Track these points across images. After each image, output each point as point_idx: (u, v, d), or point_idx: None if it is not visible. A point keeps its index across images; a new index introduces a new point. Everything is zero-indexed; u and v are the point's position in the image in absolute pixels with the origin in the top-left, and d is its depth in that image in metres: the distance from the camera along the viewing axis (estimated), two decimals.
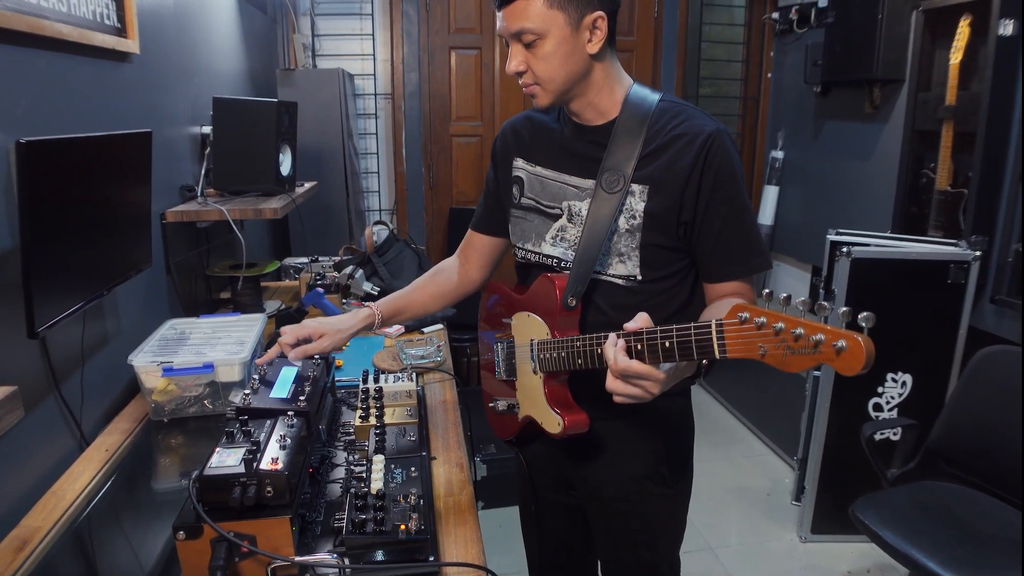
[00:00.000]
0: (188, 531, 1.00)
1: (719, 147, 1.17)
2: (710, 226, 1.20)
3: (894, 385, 2.63)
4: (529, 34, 1.15)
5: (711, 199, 1.18)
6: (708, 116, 1.22)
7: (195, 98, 2.25)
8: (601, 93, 1.23)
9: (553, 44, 1.15)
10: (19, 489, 1.30)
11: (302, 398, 1.28)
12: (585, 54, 1.17)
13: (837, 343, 0.79)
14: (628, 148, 1.21)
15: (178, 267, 2.08)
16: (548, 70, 1.17)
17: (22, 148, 1.10)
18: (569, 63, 1.17)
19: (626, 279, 1.25)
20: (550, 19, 1.13)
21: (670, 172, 1.19)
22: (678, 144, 1.18)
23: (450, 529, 1.19)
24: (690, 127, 1.19)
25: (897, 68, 2.94)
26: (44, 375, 1.40)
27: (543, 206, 1.33)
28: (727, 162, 1.18)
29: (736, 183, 1.19)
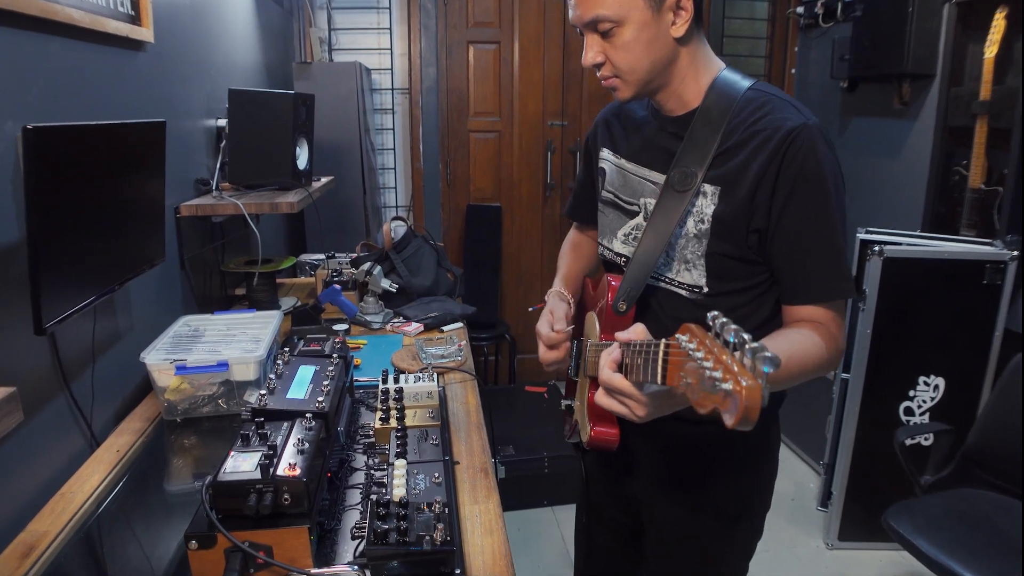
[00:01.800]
0: (201, 540, 0.95)
1: (802, 144, 1.01)
2: (784, 237, 1.05)
3: (926, 388, 2.54)
4: (606, 22, 1.03)
5: (787, 205, 1.04)
6: (801, 108, 1.06)
7: (210, 90, 2.20)
8: (686, 80, 1.10)
9: (633, 31, 1.03)
10: (26, 491, 1.25)
11: (320, 399, 1.22)
12: (669, 39, 1.05)
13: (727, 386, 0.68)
14: (704, 143, 1.08)
15: (192, 262, 2.03)
16: (629, 60, 1.06)
17: (29, 134, 1.05)
18: (652, 50, 1.05)
19: (690, 289, 1.14)
20: (628, 3, 1.02)
21: (744, 172, 1.05)
22: (756, 140, 1.04)
23: (476, 540, 1.13)
24: (772, 120, 1.03)
25: (928, 63, 2.85)
26: (53, 373, 1.35)
27: (621, 201, 1.24)
28: (810, 162, 1.01)
29: (820, 189, 1.03)
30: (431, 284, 2.31)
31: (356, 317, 2.11)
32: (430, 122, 3.62)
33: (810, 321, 1.07)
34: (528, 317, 4.03)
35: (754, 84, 1.10)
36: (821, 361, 1.04)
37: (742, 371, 0.69)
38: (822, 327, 1.06)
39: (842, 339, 1.08)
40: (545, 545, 2.71)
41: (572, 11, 1.08)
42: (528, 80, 3.69)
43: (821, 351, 1.04)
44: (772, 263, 1.09)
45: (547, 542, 2.73)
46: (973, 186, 2.68)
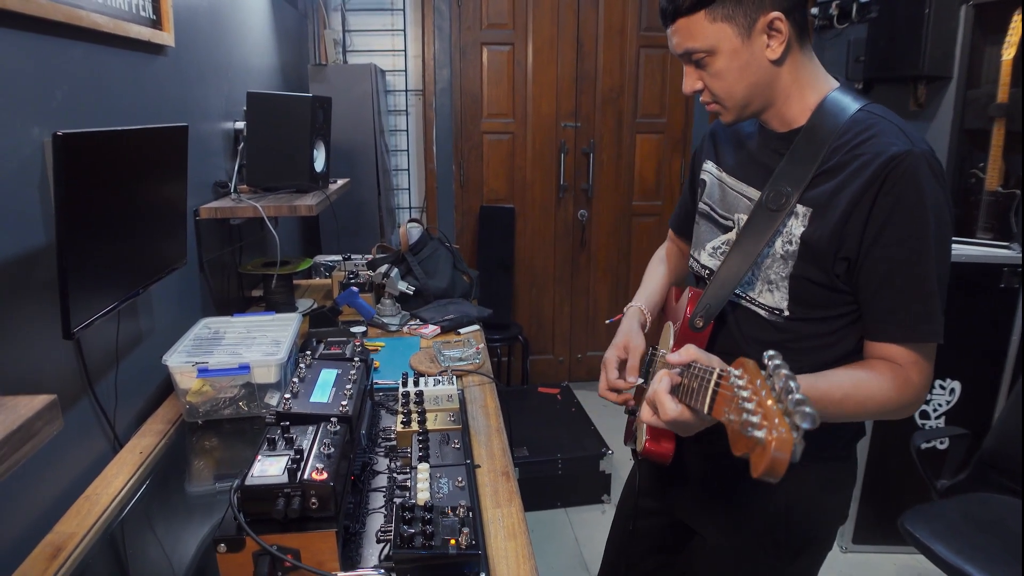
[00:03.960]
0: (230, 544, 0.95)
1: (904, 172, 0.96)
2: (873, 269, 1.01)
3: (942, 392, 2.53)
4: (698, 52, 1.04)
5: (880, 235, 0.99)
6: (911, 134, 1.00)
7: (228, 93, 2.22)
8: (790, 99, 1.07)
9: (725, 60, 1.03)
10: (52, 493, 1.27)
11: (344, 403, 1.23)
12: (765, 62, 1.03)
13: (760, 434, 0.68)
14: (805, 163, 1.04)
15: (211, 265, 2.04)
16: (724, 87, 1.06)
17: (59, 141, 1.06)
18: (747, 76, 1.04)
19: (771, 311, 1.11)
20: (716, 33, 1.01)
21: (838, 195, 1.01)
22: (856, 163, 1.00)
23: (499, 544, 1.13)
24: (876, 144, 0.99)
25: (944, 64, 2.84)
26: (78, 376, 1.36)
27: (716, 215, 1.22)
28: (910, 193, 0.96)
29: (918, 222, 0.97)
30: (447, 286, 2.32)
31: (373, 319, 2.12)
32: (443, 123, 3.63)
33: (888, 361, 1.03)
34: (541, 317, 4.03)
35: (865, 105, 1.05)
36: (887, 405, 1.01)
37: (781, 421, 0.68)
38: (899, 369, 1.02)
39: (922, 384, 1.03)
40: (559, 547, 2.72)
41: (669, 41, 1.08)
42: (541, 82, 3.70)
43: (888, 394, 1.01)
44: (858, 295, 1.05)
45: (561, 544, 2.74)
46: (990, 189, 2.67)
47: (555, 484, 2.91)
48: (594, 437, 3.02)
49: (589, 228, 3.93)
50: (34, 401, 0.64)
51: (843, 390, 0.99)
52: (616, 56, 3.72)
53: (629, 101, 3.78)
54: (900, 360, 1.02)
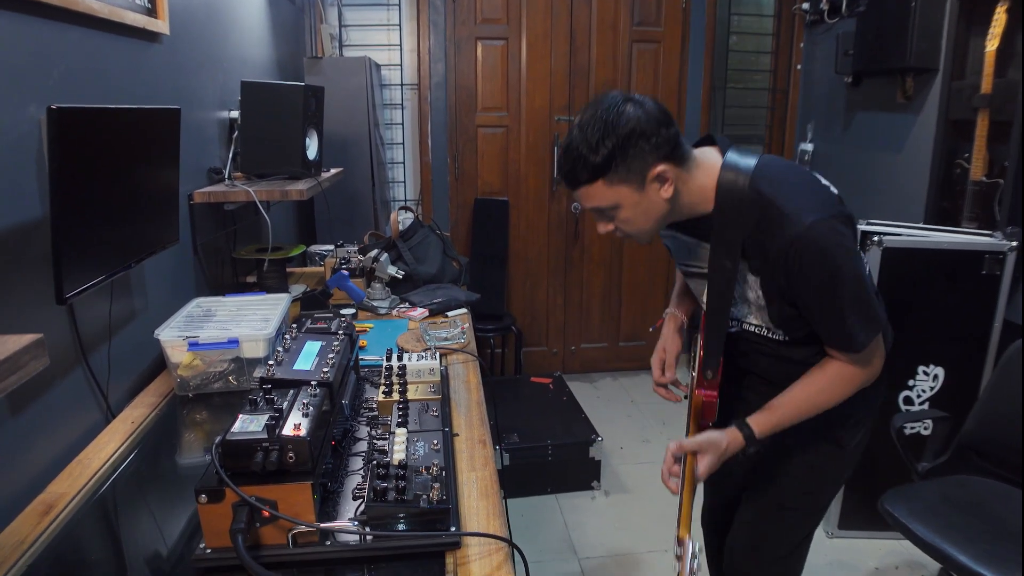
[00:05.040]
0: (210, 495, 1.00)
1: (799, 253, 1.17)
2: (804, 308, 1.25)
3: (925, 378, 2.57)
4: (604, 208, 1.23)
5: (801, 292, 1.22)
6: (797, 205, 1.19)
7: (223, 83, 2.27)
8: (693, 201, 1.26)
9: (629, 210, 1.22)
10: (46, 457, 1.32)
11: (325, 370, 1.28)
12: (662, 202, 1.23)
13: None
14: (731, 243, 1.25)
15: (205, 248, 2.10)
16: (633, 227, 1.26)
17: (54, 114, 1.11)
18: (651, 216, 1.24)
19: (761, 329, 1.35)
20: (615, 194, 1.20)
21: (769, 274, 1.24)
22: (766, 253, 1.21)
23: (472, 503, 1.18)
24: (771, 234, 1.19)
25: (931, 57, 2.87)
26: (72, 346, 1.41)
27: (693, 268, 1.42)
28: (809, 262, 1.17)
29: (823, 279, 1.19)
30: (437, 272, 2.37)
31: (363, 302, 2.17)
32: (438, 117, 3.68)
33: (835, 359, 1.30)
34: (535, 309, 4.08)
35: (753, 180, 1.21)
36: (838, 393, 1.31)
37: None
38: (845, 366, 1.29)
39: (864, 373, 1.30)
40: (548, 531, 2.76)
41: (575, 197, 1.27)
42: (535, 75, 3.74)
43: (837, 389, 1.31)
44: None
45: (550, 528, 2.78)
46: (974, 179, 2.70)
47: (545, 470, 2.96)
48: (584, 424, 3.06)
49: (582, 221, 3.97)
50: (22, 339, 0.69)
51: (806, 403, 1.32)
52: (609, 50, 3.77)
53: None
54: (843, 359, 1.29)
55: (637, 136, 1.16)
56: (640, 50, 3.79)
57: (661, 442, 3.39)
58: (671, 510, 2.93)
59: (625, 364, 4.24)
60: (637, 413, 3.75)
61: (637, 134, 1.16)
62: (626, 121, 1.15)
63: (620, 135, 1.15)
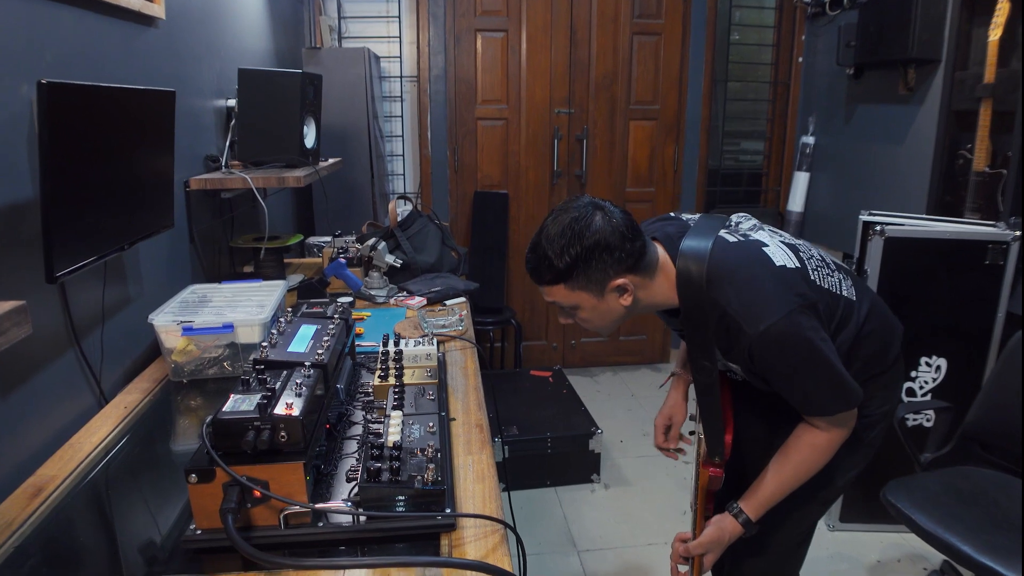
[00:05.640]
0: (200, 474, 0.98)
1: (758, 352, 1.21)
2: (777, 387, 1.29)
3: (928, 369, 2.55)
4: (565, 306, 1.28)
5: (771, 377, 1.27)
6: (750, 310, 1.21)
7: (221, 71, 2.25)
8: (655, 301, 1.30)
9: (588, 312, 1.27)
10: (37, 440, 1.30)
11: (320, 352, 1.27)
12: (620, 309, 1.27)
13: None
14: (704, 342, 1.29)
15: (202, 236, 2.08)
16: (591, 326, 1.31)
17: (44, 89, 1.09)
18: (608, 318, 1.29)
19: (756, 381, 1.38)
20: (575, 297, 1.24)
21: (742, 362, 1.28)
22: (735, 351, 1.26)
23: (468, 486, 1.16)
24: (734, 338, 1.23)
25: (933, 47, 2.85)
26: (64, 329, 1.40)
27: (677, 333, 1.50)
28: (773, 361, 1.22)
29: (789, 370, 1.23)
30: (435, 261, 2.35)
31: (361, 291, 2.15)
32: (438, 110, 3.67)
33: (809, 424, 1.33)
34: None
35: (708, 287, 1.24)
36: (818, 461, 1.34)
37: None
38: (818, 430, 1.32)
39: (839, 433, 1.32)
40: (547, 524, 2.74)
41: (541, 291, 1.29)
42: (535, 68, 3.73)
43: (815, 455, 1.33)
44: None
45: (549, 521, 2.76)
46: (977, 169, 2.68)
47: (545, 463, 2.94)
48: (584, 417, 3.05)
49: None
50: (4, 305, 0.68)
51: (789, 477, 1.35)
52: (609, 43, 3.75)
53: (622, 88, 3.81)
54: (816, 423, 1.32)
55: (601, 249, 1.19)
56: (641, 42, 3.78)
57: None
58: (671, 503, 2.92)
59: (625, 358, 4.22)
60: (637, 407, 3.73)
61: (601, 247, 1.19)
62: (592, 232, 1.19)
63: (585, 246, 1.19)
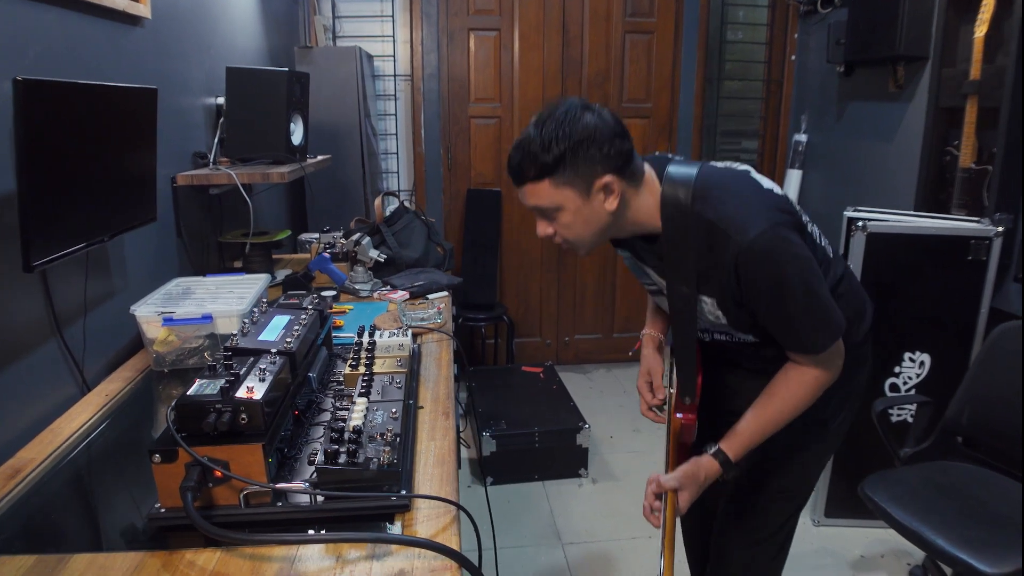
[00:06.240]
0: (164, 455, 1.02)
1: (746, 265, 1.19)
2: (761, 317, 1.27)
3: (911, 365, 2.56)
4: (546, 209, 1.22)
5: (754, 299, 1.24)
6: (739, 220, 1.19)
7: (210, 69, 2.30)
8: (639, 216, 1.27)
9: (570, 215, 1.22)
10: (19, 426, 1.35)
11: (289, 340, 1.30)
12: (605, 213, 1.22)
13: None
14: (683, 266, 1.26)
15: (189, 232, 2.12)
16: (572, 234, 1.25)
17: (20, 85, 1.13)
18: (591, 225, 1.24)
19: (743, 339, 1.37)
20: (560, 195, 1.19)
21: (723, 288, 1.25)
22: (717, 267, 1.23)
23: (428, 470, 1.20)
24: (720, 252, 1.20)
25: (921, 45, 2.86)
26: (46, 318, 1.44)
27: (650, 285, 1.45)
28: (758, 274, 1.19)
29: (772, 289, 1.20)
30: (420, 256, 2.39)
31: (345, 285, 2.19)
32: (431, 108, 3.71)
33: (796, 363, 1.32)
34: (529, 300, 4.09)
35: (694, 202, 1.22)
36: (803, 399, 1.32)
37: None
38: (804, 369, 1.31)
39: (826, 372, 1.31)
40: (533, 517, 2.77)
41: (521, 195, 1.25)
42: (528, 67, 3.76)
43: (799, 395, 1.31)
44: None
45: (535, 514, 2.79)
46: (963, 166, 2.69)
47: (532, 457, 2.97)
48: (572, 412, 3.08)
49: None
50: None
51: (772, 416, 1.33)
52: (602, 41, 3.78)
53: (615, 86, 3.84)
54: (801, 361, 1.31)
55: (590, 143, 1.16)
56: (633, 40, 3.80)
57: (651, 432, 3.40)
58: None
59: (619, 355, 4.25)
60: (629, 403, 3.76)
61: (590, 140, 1.16)
62: (583, 127, 1.16)
63: (574, 139, 1.16)
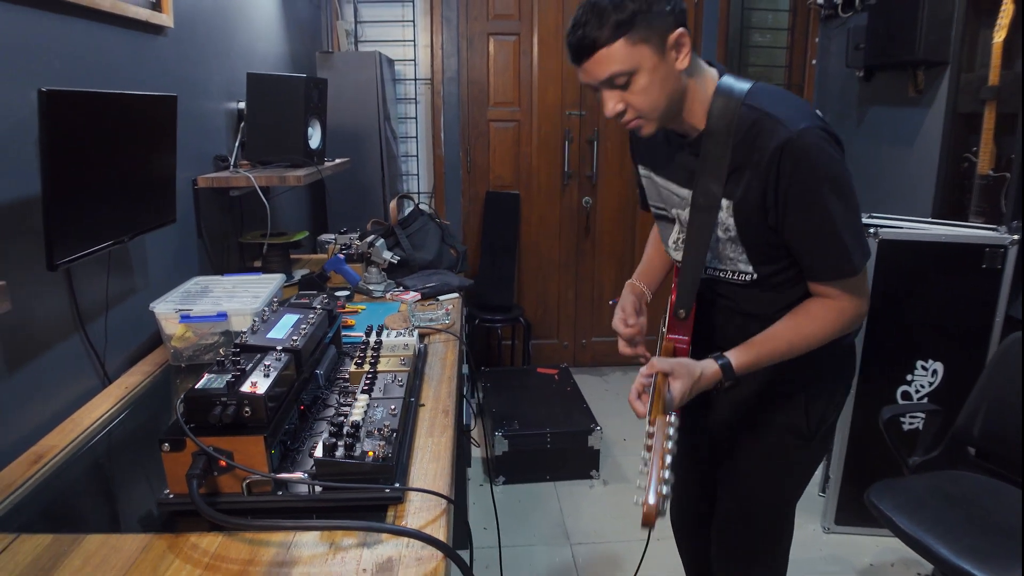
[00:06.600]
0: (172, 444, 1.08)
1: (789, 157, 1.15)
2: (791, 233, 1.22)
3: (924, 373, 2.55)
4: (621, 76, 1.16)
5: (788, 209, 1.19)
6: (789, 119, 1.16)
7: (231, 75, 2.38)
8: (693, 102, 1.24)
9: (647, 76, 1.16)
10: (43, 416, 1.42)
11: (295, 338, 1.36)
12: (677, 72, 1.19)
13: None
14: (717, 164, 1.23)
15: (210, 232, 2.20)
16: (648, 101, 1.19)
17: (44, 96, 1.21)
18: (667, 87, 1.19)
19: (741, 276, 1.33)
20: (636, 55, 1.14)
21: (749, 188, 1.21)
22: (754, 158, 1.19)
23: (424, 464, 1.24)
24: (764, 140, 1.17)
25: (940, 50, 2.84)
26: (70, 314, 1.52)
27: (662, 211, 1.43)
28: (800, 171, 1.15)
29: (814, 191, 1.16)
30: (433, 258, 2.44)
31: (359, 286, 2.25)
32: (451, 112, 3.77)
33: (823, 296, 1.26)
34: (546, 302, 4.13)
35: (747, 97, 1.20)
36: (829, 332, 1.26)
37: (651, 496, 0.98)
38: (833, 302, 1.26)
39: (854, 308, 1.26)
40: (542, 516, 2.81)
41: (584, 74, 1.20)
42: (547, 71, 3.80)
43: (827, 325, 1.26)
44: (788, 249, 1.26)
45: (545, 514, 2.83)
46: (981, 172, 2.67)
47: (543, 457, 3.01)
48: (585, 414, 3.11)
49: (593, 215, 4.01)
50: None
51: (787, 339, 1.27)
52: None
53: None
54: (831, 295, 1.25)
55: None
56: None
57: None
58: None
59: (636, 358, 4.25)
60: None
61: None
62: None
63: None
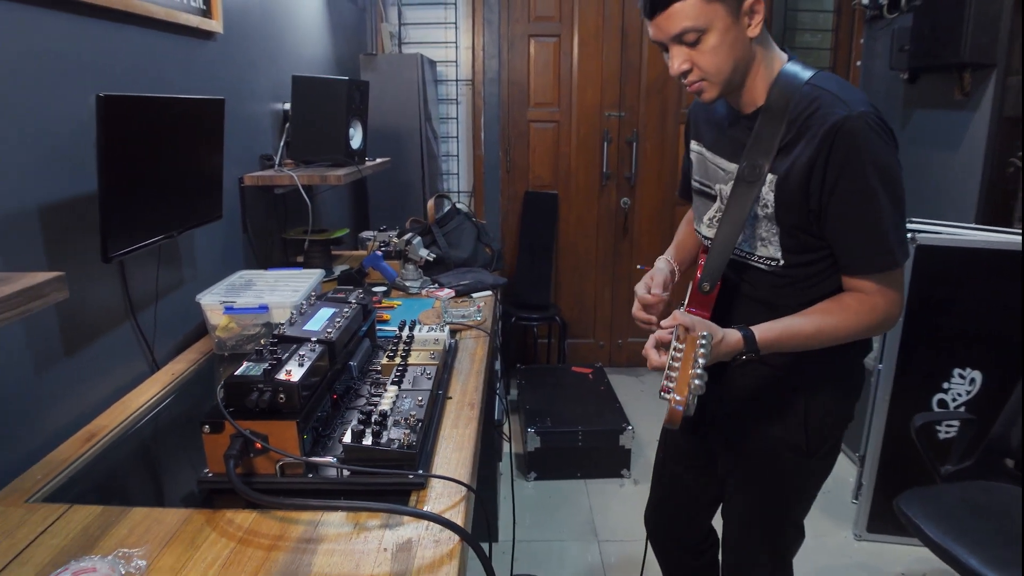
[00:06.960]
0: (212, 426, 1.16)
1: (845, 136, 1.13)
2: (832, 218, 1.19)
3: (961, 382, 2.51)
4: (692, 32, 1.15)
5: (833, 190, 1.17)
6: (850, 101, 1.15)
7: (277, 78, 2.48)
8: (756, 78, 1.23)
9: (718, 36, 1.15)
10: (96, 397, 1.53)
11: (330, 331, 1.43)
12: (746, 39, 1.18)
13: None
14: (769, 138, 1.21)
15: (255, 228, 2.30)
16: (715, 62, 1.18)
17: (101, 101, 1.30)
18: (735, 51, 1.17)
19: (768, 262, 1.30)
20: (711, 12, 1.13)
21: (796, 163, 1.19)
22: (807, 134, 1.17)
23: (448, 454, 1.30)
24: (820, 116, 1.16)
25: (988, 52, 2.79)
26: (122, 303, 1.62)
27: (705, 187, 1.41)
28: (853, 152, 1.13)
29: (863, 176, 1.14)
30: (469, 256, 2.50)
31: (395, 282, 2.32)
32: (491, 112, 3.83)
33: (857, 291, 1.23)
34: (583, 301, 4.17)
35: (811, 78, 1.20)
36: (858, 329, 1.23)
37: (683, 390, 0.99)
38: (866, 298, 1.21)
39: (888, 307, 1.22)
40: (571, 513, 2.85)
41: (655, 29, 1.19)
42: (587, 72, 3.83)
43: (857, 321, 1.22)
44: (827, 239, 1.23)
45: (573, 510, 2.87)
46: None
47: (574, 455, 3.05)
48: (617, 414, 3.14)
49: (631, 216, 4.03)
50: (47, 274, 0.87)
51: (815, 324, 1.22)
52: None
53: (674, 91, 3.86)
54: (866, 289, 1.21)
55: None
56: None
57: None
58: None
59: None
60: None
61: None
62: None
63: None
